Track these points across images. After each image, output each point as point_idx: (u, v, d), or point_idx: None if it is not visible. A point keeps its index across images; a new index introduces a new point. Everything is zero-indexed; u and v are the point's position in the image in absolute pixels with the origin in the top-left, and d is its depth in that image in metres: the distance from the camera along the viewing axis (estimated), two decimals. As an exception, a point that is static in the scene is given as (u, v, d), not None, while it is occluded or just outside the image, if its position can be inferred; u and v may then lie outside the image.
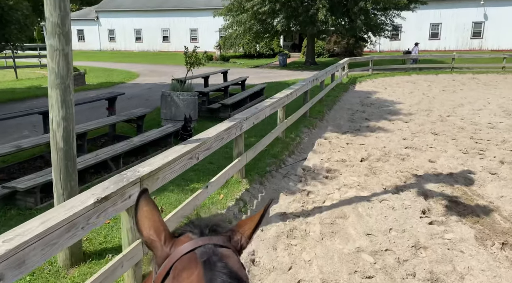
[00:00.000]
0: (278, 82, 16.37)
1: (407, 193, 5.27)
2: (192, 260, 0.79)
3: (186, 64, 8.52)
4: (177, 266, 0.80)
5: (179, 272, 0.78)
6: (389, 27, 24.81)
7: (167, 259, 0.82)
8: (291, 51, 36.97)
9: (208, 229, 0.87)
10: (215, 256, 0.80)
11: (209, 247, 0.82)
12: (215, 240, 0.84)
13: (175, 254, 0.82)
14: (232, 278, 0.77)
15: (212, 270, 0.77)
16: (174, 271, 0.79)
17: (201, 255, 0.80)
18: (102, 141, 7.34)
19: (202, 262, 0.78)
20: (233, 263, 0.81)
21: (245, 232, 0.90)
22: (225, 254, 0.82)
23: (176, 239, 0.86)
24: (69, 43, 3.03)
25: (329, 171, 6.14)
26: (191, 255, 0.80)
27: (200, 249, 0.81)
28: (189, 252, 0.81)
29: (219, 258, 0.80)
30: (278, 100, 6.38)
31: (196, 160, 3.71)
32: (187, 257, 0.80)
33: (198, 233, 0.85)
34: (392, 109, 11.31)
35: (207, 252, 0.81)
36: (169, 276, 0.80)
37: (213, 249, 0.81)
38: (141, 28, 43.53)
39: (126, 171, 2.94)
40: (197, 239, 0.84)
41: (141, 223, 0.87)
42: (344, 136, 8.27)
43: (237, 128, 4.68)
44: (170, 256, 0.82)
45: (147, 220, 0.87)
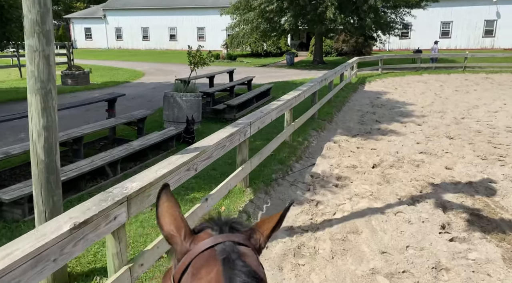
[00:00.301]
0: (285, 82, 15.99)
1: (424, 204, 4.89)
2: (211, 257, 0.79)
3: (190, 64, 8.18)
4: (196, 262, 0.80)
5: (198, 269, 0.78)
6: (399, 25, 24.29)
7: (186, 255, 0.82)
8: (299, 50, 36.54)
9: (228, 227, 0.86)
10: (234, 253, 0.80)
11: (229, 244, 0.81)
12: (235, 238, 0.84)
13: (194, 250, 0.82)
14: (251, 277, 0.76)
15: (231, 268, 0.76)
16: (193, 267, 0.79)
17: (221, 252, 0.79)
18: (101, 144, 7.04)
19: (221, 259, 0.78)
20: (252, 262, 0.80)
21: (264, 231, 0.90)
22: (245, 252, 0.81)
23: (195, 235, 0.86)
24: (50, 43, 2.70)
25: (339, 179, 5.77)
26: (210, 252, 0.80)
27: (219, 246, 0.81)
28: (208, 249, 0.81)
29: (238, 256, 0.79)
30: (285, 103, 6.02)
31: (194, 171, 3.37)
32: (206, 254, 0.80)
33: (218, 230, 0.85)
34: (403, 110, 10.89)
35: (226, 249, 0.80)
36: (187, 272, 0.79)
37: (232, 247, 0.81)
38: (148, 27, 43.37)
39: (113, 188, 2.61)
40: (217, 236, 0.83)
41: (161, 218, 0.88)
42: (354, 139, 7.88)
43: (240, 134, 4.33)
44: (189, 252, 0.82)
45: (168, 215, 0.88)
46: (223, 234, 0.84)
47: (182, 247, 0.84)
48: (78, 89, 14.13)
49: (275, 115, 5.59)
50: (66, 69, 15.54)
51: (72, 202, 4.64)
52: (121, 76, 18.49)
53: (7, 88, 14.22)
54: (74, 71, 15.33)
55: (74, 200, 4.69)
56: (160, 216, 0.88)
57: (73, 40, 46.96)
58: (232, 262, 0.77)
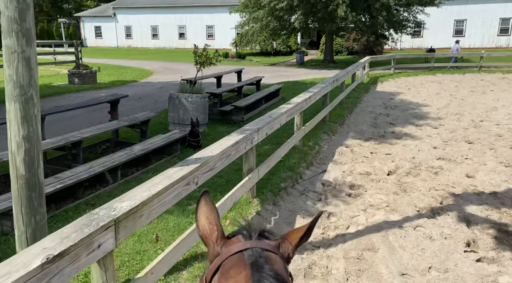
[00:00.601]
0: (295, 82, 15.62)
1: (446, 217, 4.51)
2: (240, 260, 0.83)
3: (196, 64, 7.86)
4: (225, 264, 0.84)
5: (227, 270, 0.82)
6: (412, 23, 23.73)
7: (217, 257, 0.87)
8: (309, 48, 36.07)
9: (258, 234, 0.90)
10: (262, 259, 0.83)
11: (257, 250, 0.85)
12: (263, 245, 0.87)
13: (224, 253, 0.86)
14: (277, 281, 0.79)
15: (259, 271, 0.80)
16: (223, 268, 0.84)
17: (249, 256, 0.83)
18: (102, 148, 6.77)
19: (249, 263, 0.82)
20: (280, 268, 0.83)
21: (292, 241, 0.92)
22: (272, 258, 0.84)
23: (227, 239, 0.91)
24: (31, 44, 2.39)
25: (352, 187, 5.41)
26: (239, 256, 0.84)
27: (248, 251, 0.85)
28: (238, 253, 0.85)
29: (266, 261, 0.83)
30: (295, 106, 5.67)
31: (195, 185, 3.05)
32: (235, 257, 0.84)
33: (248, 236, 0.90)
34: (418, 112, 10.46)
35: (255, 254, 0.84)
36: (217, 273, 0.84)
37: (260, 252, 0.84)
38: (158, 25, 43.26)
39: (99, 209, 2.29)
40: (246, 241, 0.88)
41: (199, 220, 0.96)
42: (368, 143, 7.50)
43: (247, 142, 4.00)
44: (220, 255, 0.87)
45: (205, 219, 0.96)
46: (252, 240, 0.88)
47: (214, 250, 0.90)
48: (85, 88, 13.93)
49: (284, 120, 5.24)
50: (73, 68, 15.36)
51: (68, 211, 4.36)
52: (129, 75, 18.28)
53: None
54: (81, 70, 15.14)
55: (70, 209, 4.41)
56: (198, 218, 0.96)
57: (83, 39, 47.10)
58: (260, 266, 0.80)
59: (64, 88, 14.02)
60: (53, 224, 4.05)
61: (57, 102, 11.14)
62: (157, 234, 3.81)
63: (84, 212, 4.37)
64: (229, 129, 8.19)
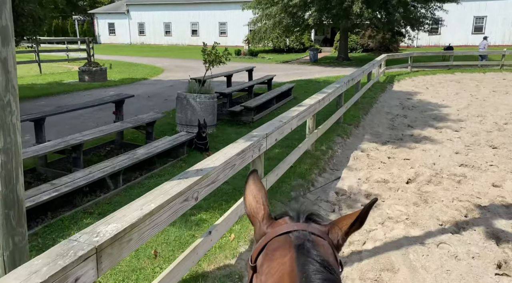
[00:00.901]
0: (308, 80, 15.21)
1: (472, 233, 4.12)
2: (286, 242, 0.81)
3: (205, 62, 7.56)
4: (271, 245, 0.83)
5: (272, 251, 0.81)
6: (429, 20, 23.04)
7: (263, 237, 0.87)
8: (323, 45, 35.51)
9: (306, 217, 0.88)
10: (309, 242, 0.80)
11: (304, 233, 0.83)
12: (311, 229, 0.84)
13: (270, 233, 0.85)
14: (324, 267, 0.75)
15: (305, 255, 0.77)
16: (268, 249, 0.83)
17: (296, 238, 0.81)
18: (107, 150, 6.52)
19: (295, 245, 0.80)
20: (327, 253, 0.80)
21: (342, 227, 0.89)
22: (320, 243, 0.82)
23: (274, 220, 0.90)
24: (8, 43, 2.11)
25: (368, 197, 5.04)
26: (285, 237, 0.82)
27: (295, 233, 0.83)
28: (283, 234, 0.83)
29: (313, 245, 0.80)
30: (307, 108, 5.31)
31: (194, 201, 2.74)
32: (281, 238, 0.83)
33: (295, 219, 0.88)
34: (437, 113, 9.98)
35: (301, 237, 0.81)
36: (262, 253, 0.83)
37: (307, 236, 0.82)
38: (171, 22, 43.15)
39: (80, 234, 1.99)
40: (293, 223, 0.86)
41: (246, 198, 0.96)
42: (385, 147, 7.09)
43: (254, 149, 3.67)
44: (266, 235, 0.86)
45: (252, 198, 0.95)
46: (300, 223, 0.86)
47: (260, 229, 0.90)
48: (94, 86, 13.77)
49: (296, 124, 4.90)
50: (84, 65, 15.23)
51: (64, 220, 4.10)
52: (139, 73, 18.10)
53: (23, 84, 13.99)
54: (91, 68, 14.99)
55: (67, 218, 4.15)
56: (245, 197, 0.96)
57: (97, 35, 47.31)
58: (306, 249, 0.78)
59: (73, 85, 13.88)
60: (47, 235, 3.80)
61: (65, 100, 10.98)
62: (156, 249, 3.52)
63: (81, 221, 4.11)
64: (238, 130, 7.89)
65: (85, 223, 4.07)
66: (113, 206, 4.49)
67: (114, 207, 4.48)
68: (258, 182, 0.97)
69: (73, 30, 48.31)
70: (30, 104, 10.32)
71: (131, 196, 4.82)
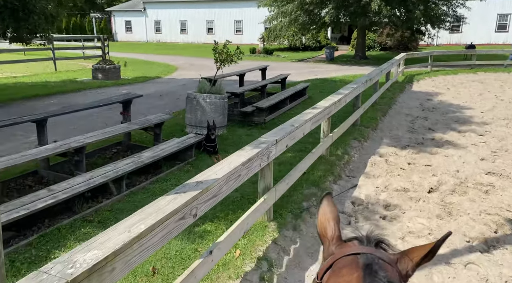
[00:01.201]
0: (323, 79, 14.80)
1: (504, 252, 3.73)
2: (353, 261, 0.82)
3: (216, 62, 7.28)
4: (338, 262, 0.84)
5: (340, 269, 0.83)
6: (451, 18, 22.28)
7: (331, 256, 0.88)
8: (339, 43, 34.88)
9: (375, 243, 0.89)
10: (377, 264, 0.80)
11: (372, 256, 0.82)
12: (380, 254, 0.84)
13: (338, 253, 0.87)
14: None
15: (372, 275, 0.77)
16: (335, 267, 0.84)
17: (363, 259, 0.82)
18: (113, 151, 6.31)
19: (363, 265, 0.80)
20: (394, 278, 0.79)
21: (413, 258, 0.87)
22: (388, 269, 0.81)
23: (343, 242, 0.92)
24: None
25: (387, 207, 4.68)
26: (353, 258, 0.83)
27: (363, 255, 0.83)
28: (352, 255, 0.84)
29: (380, 267, 0.80)
30: (322, 111, 4.97)
31: (192, 218, 2.45)
32: (349, 258, 0.84)
33: (365, 243, 0.89)
34: (460, 116, 9.48)
35: (369, 259, 0.82)
36: (329, 270, 0.85)
37: (376, 259, 0.81)
38: (187, 20, 43.10)
39: (53, 264, 1.71)
40: (362, 247, 0.86)
41: (318, 219, 0.99)
42: (404, 152, 6.69)
43: (262, 157, 3.36)
44: (334, 255, 0.88)
45: (324, 219, 0.97)
46: (368, 247, 0.86)
47: (328, 249, 0.92)
48: (107, 84, 13.65)
49: (309, 128, 4.56)
50: (97, 63, 15.15)
51: (61, 229, 3.87)
52: (153, 71, 17.97)
53: (37, 82, 13.99)
54: (105, 65, 14.90)
55: (64, 227, 3.92)
56: (318, 217, 0.99)
57: (114, 33, 47.65)
58: (373, 270, 0.78)
59: (87, 83, 13.80)
60: (42, 246, 3.57)
61: (76, 98, 10.87)
62: (155, 265, 3.24)
63: (79, 230, 3.88)
64: (249, 131, 7.59)
65: (83, 233, 3.83)
66: (114, 214, 4.25)
67: (115, 215, 4.24)
68: (331, 205, 1.00)
69: (90, 27, 48.75)
70: (42, 103, 10.22)
71: (134, 202, 4.58)
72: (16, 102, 10.37)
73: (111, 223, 4.03)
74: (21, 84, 13.33)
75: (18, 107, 9.69)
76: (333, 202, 1.02)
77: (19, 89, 12.09)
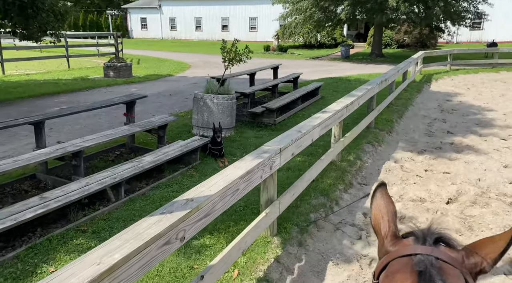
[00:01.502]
0: (338, 78, 14.39)
1: (531, 275, 3.36)
2: (408, 265, 0.77)
3: (224, 61, 7.01)
4: (392, 265, 0.80)
5: (393, 273, 0.78)
6: (472, 15, 21.53)
7: (385, 256, 0.84)
8: (355, 41, 34.27)
9: (434, 240, 0.81)
10: (434, 269, 0.74)
11: (429, 258, 0.76)
12: (438, 253, 0.77)
13: (392, 253, 0.82)
14: None
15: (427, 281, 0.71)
16: (389, 269, 0.80)
17: (418, 263, 0.76)
18: (116, 154, 6.11)
19: (417, 271, 0.74)
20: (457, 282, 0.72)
21: (487, 254, 0.80)
22: (447, 272, 0.74)
23: (398, 239, 0.86)
24: None
25: (402, 219, 4.34)
26: (407, 260, 0.78)
27: (418, 257, 0.77)
28: (406, 256, 0.79)
29: (438, 273, 0.73)
30: (332, 115, 4.65)
31: (179, 242, 2.18)
32: (403, 261, 0.78)
33: (421, 241, 0.82)
34: (481, 118, 9.01)
35: (426, 263, 0.75)
36: (384, 272, 0.81)
37: (432, 262, 0.76)
38: (201, 17, 43.01)
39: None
40: (418, 246, 0.80)
41: (372, 213, 0.94)
42: (421, 157, 6.31)
43: (264, 168, 3.08)
44: (389, 254, 0.83)
45: (378, 212, 0.92)
46: (425, 246, 0.79)
47: (383, 247, 0.87)
48: (117, 82, 13.54)
49: (318, 134, 4.25)
50: (109, 61, 15.06)
51: (53, 240, 3.66)
52: (165, 69, 17.82)
53: (49, 79, 13.97)
54: (116, 63, 14.79)
55: (55, 237, 3.70)
56: (372, 211, 0.94)
57: (129, 30, 47.91)
58: (429, 277, 0.72)
59: (97, 81, 13.71)
60: (29, 259, 3.36)
61: (85, 97, 10.76)
62: (145, 284, 3.00)
63: (71, 242, 3.67)
64: (258, 133, 7.31)
65: (75, 244, 3.62)
66: (109, 223, 4.03)
67: (111, 224, 4.02)
68: (386, 197, 0.94)
69: (106, 25, 49.12)
70: (50, 101, 10.13)
71: (133, 210, 4.35)
72: (25, 100, 10.30)
73: (105, 233, 3.82)
74: (33, 82, 13.31)
75: (25, 106, 9.61)
76: (388, 194, 0.94)
77: (30, 87, 12.06)
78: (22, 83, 13.10)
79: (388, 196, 0.94)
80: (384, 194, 0.94)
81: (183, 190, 4.93)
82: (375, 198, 0.94)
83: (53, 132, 7.28)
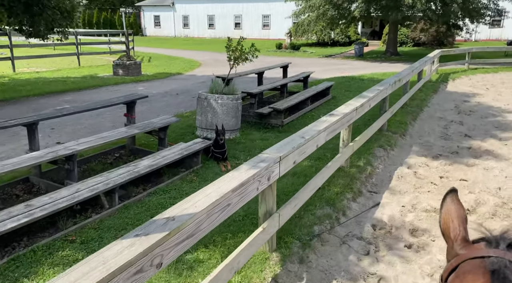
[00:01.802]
0: (350, 77, 13.99)
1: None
2: (480, 266, 0.76)
3: (229, 60, 6.73)
4: (463, 266, 0.79)
5: (464, 273, 0.77)
6: (492, 12, 20.81)
7: (454, 258, 0.83)
8: (370, 38, 33.63)
9: (507, 244, 0.80)
10: (508, 269, 0.73)
11: (502, 260, 0.75)
12: None
13: (463, 255, 0.81)
14: None
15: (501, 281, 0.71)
16: (459, 270, 0.79)
17: (491, 264, 0.75)
18: (115, 156, 5.89)
19: (490, 271, 0.74)
20: None
21: None
22: None
23: (468, 243, 0.86)
24: None
25: (414, 233, 4.01)
26: (480, 261, 0.77)
27: (491, 259, 0.76)
28: (478, 258, 0.78)
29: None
30: (340, 119, 4.33)
31: (155, 269, 1.91)
32: (475, 262, 0.78)
33: (494, 245, 0.81)
34: (501, 120, 8.55)
35: (498, 263, 0.75)
36: (454, 273, 0.80)
37: (506, 264, 0.75)
38: (214, 14, 42.85)
39: None
40: (491, 249, 0.80)
41: (442, 217, 0.93)
42: (436, 163, 5.94)
43: (261, 179, 2.79)
44: (458, 256, 0.82)
45: (448, 217, 0.92)
46: (498, 250, 0.78)
47: (452, 250, 0.86)
48: (125, 80, 13.39)
49: (323, 139, 3.95)
50: (118, 59, 14.94)
51: (37, 251, 3.43)
52: (175, 67, 17.64)
53: (58, 77, 13.90)
54: (125, 61, 14.66)
55: (41, 248, 3.47)
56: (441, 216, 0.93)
57: (143, 28, 48.06)
58: (503, 277, 0.72)
59: (106, 80, 13.59)
60: (9, 273, 3.14)
61: (91, 96, 10.61)
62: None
63: (57, 253, 3.43)
64: (264, 135, 7.02)
65: (61, 256, 3.39)
66: (100, 233, 3.80)
67: (101, 234, 3.79)
68: (456, 202, 0.94)
69: (120, 22, 49.32)
70: (54, 100, 10.00)
71: (126, 218, 4.12)
72: (30, 99, 10.20)
73: (94, 244, 3.59)
74: (42, 80, 13.25)
75: (28, 105, 9.49)
76: (459, 199, 0.95)
77: (38, 85, 11.99)
78: (31, 81, 13.06)
79: (459, 201, 0.95)
80: (454, 200, 0.95)
81: (181, 197, 4.68)
82: (445, 203, 0.95)
83: (55, 132, 7.12)
